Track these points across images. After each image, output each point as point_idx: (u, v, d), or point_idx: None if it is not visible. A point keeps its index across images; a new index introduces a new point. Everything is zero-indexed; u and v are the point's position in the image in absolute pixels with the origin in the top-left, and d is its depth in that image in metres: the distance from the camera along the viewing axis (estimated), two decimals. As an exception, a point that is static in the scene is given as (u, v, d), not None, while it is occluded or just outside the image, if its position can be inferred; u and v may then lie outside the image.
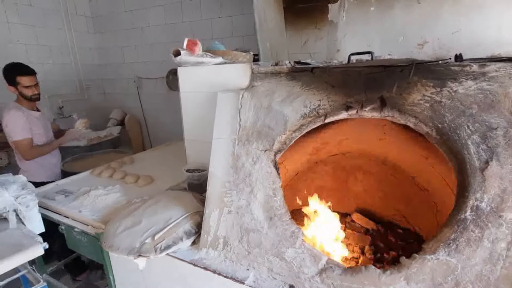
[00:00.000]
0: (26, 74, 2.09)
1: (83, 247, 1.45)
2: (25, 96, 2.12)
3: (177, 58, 1.52)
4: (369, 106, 1.14)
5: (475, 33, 1.84)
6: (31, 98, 2.14)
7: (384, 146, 1.57)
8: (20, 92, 2.10)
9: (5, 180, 1.33)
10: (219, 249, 1.14)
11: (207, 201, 1.23)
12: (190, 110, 1.75)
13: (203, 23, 3.00)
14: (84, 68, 3.66)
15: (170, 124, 3.31)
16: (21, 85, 2.08)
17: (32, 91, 2.12)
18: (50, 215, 1.52)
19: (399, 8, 2.01)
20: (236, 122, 1.32)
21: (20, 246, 1.18)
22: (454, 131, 1.00)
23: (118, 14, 3.51)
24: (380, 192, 1.79)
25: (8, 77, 2.08)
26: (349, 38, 2.24)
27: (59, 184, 1.87)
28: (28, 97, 2.12)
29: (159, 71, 3.36)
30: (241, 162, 1.23)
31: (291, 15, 2.42)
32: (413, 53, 2.03)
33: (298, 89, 1.29)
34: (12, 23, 2.95)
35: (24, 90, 2.10)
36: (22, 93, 2.10)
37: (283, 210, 1.12)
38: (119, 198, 1.61)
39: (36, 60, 3.18)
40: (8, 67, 2.10)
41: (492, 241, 0.84)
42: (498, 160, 0.91)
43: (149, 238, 1.15)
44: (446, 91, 1.05)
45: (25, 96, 2.12)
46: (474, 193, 0.90)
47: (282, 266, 1.02)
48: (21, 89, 2.09)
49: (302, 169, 1.90)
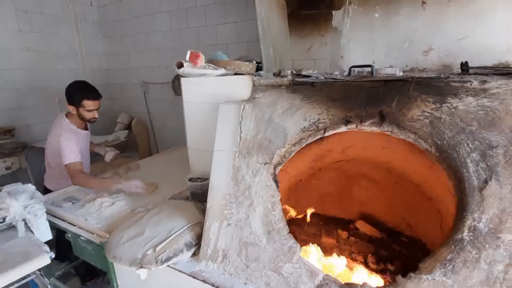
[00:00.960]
0: (94, 98, 1.99)
1: (89, 255, 1.49)
2: (83, 118, 2.03)
3: (180, 70, 1.55)
4: (368, 121, 1.14)
5: (482, 40, 1.81)
6: (89, 121, 2.08)
7: (388, 154, 1.57)
8: (79, 113, 2.00)
9: (15, 190, 1.38)
10: (218, 261, 1.16)
11: (208, 213, 1.25)
12: (193, 119, 1.78)
13: (208, 29, 3.03)
14: (92, 73, 3.74)
15: (176, 128, 3.36)
16: (84, 108, 1.97)
17: (92, 114, 2.02)
18: (58, 222, 1.57)
19: (404, 14, 1.99)
20: (237, 134, 1.33)
21: (28, 255, 1.22)
22: (453, 148, 0.99)
23: (125, 20, 3.57)
24: (385, 200, 1.79)
25: (73, 97, 1.96)
26: (353, 44, 2.23)
27: (67, 191, 1.92)
28: (86, 120, 2.06)
29: (165, 76, 3.41)
30: (241, 174, 1.25)
31: (295, 22, 2.42)
32: (418, 60, 2.00)
33: (298, 102, 1.30)
34: (23, 31, 3.04)
35: (85, 113, 1.99)
36: (81, 114, 2.00)
37: (281, 224, 1.13)
38: (124, 207, 1.65)
39: (46, 66, 3.27)
40: (75, 87, 1.98)
41: (489, 263, 0.83)
42: (498, 179, 0.90)
43: (151, 250, 1.18)
44: (446, 107, 1.04)
45: (83, 118, 2.03)
46: (472, 213, 0.89)
47: (279, 281, 1.04)
48: (83, 112, 1.99)
49: (305, 175, 1.90)
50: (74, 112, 2.01)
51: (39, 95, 3.21)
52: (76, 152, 1.93)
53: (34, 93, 3.19)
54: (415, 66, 2.01)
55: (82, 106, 1.96)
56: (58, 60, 3.39)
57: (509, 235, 0.84)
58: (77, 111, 1.99)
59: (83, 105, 1.96)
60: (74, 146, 1.93)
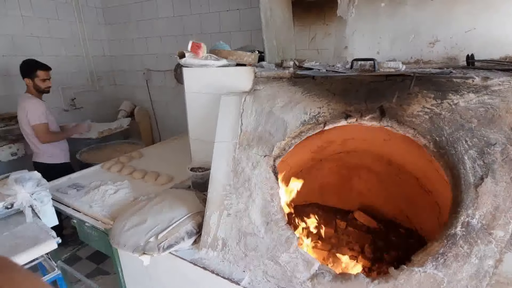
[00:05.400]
0: (45, 69, 2.39)
1: (94, 241, 1.55)
2: (38, 88, 2.39)
3: (182, 60, 1.55)
4: (368, 116, 1.14)
5: (489, 32, 1.77)
6: (44, 90, 2.43)
7: (389, 146, 1.57)
8: (35, 85, 2.37)
9: (22, 177, 1.42)
10: (218, 250, 1.20)
11: (208, 203, 1.29)
12: (195, 110, 1.79)
13: (211, 16, 2.98)
14: (95, 60, 3.73)
15: (178, 117, 3.36)
16: (39, 78, 2.36)
17: (46, 84, 2.42)
18: (63, 208, 1.62)
19: (411, 5, 1.94)
20: (238, 126, 1.35)
21: (36, 239, 1.28)
22: (451, 145, 1.00)
23: (128, 6, 3.52)
24: (384, 191, 1.81)
25: (28, 70, 2.34)
26: (358, 35, 2.19)
27: (72, 178, 1.97)
28: (41, 90, 2.41)
29: (168, 64, 3.38)
30: (241, 166, 1.27)
31: (299, 10, 2.38)
32: (423, 52, 1.97)
33: (299, 95, 1.30)
34: (26, 17, 3.02)
35: (40, 83, 2.38)
36: (37, 85, 2.38)
37: (279, 215, 1.16)
38: (127, 195, 1.69)
39: (49, 53, 3.26)
40: (28, 61, 2.37)
41: (480, 258, 0.85)
42: (494, 177, 0.91)
43: (153, 237, 1.22)
44: (447, 104, 1.04)
45: (39, 88, 2.39)
46: (466, 209, 0.91)
47: (276, 269, 1.08)
48: (38, 82, 2.37)
49: (306, 166, 1.92)
50: (30, 84, 2.37)
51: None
52: (44, 115, 2.35)
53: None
54: (420, 58, 1.98)
55: (37, 76, 2.36)
56: (61, 46, 3.38)
57: (501, 231, 0.86)
58: (33, 82, 2.36)
59: (38, 75, 2.36)
60: (41, 109, 2.35)
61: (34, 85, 2.37)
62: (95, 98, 3.79)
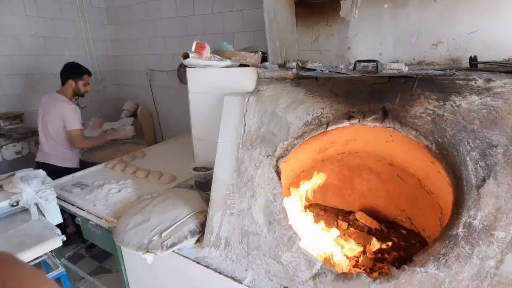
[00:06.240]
0: (90, 74, 2.49)
1: (97, 238, 1.56)
2: (78, 91, 2.44)
3: (186, 60, 1.56)
4: (371, 117, 1.15)
5: (493, 34, 1.77)
6: (82, 94, 2.49)
7: (391, 148, 1.58)
8: (76, 87, 2.41)
9: (27, 175, 1.44)
10: (221, 248, 1.21)
11: (211, 202, 1.30)
12: (198, 110, 1.80)
13: (214, 17, 2.99)
14: (98, 60, 3.75)
15: (181, 117, 3.38)
16: (83, 82, 2.42)
17: (86, 88, 2.49)
18: (67, 207, 1.64)
19: (414, 6, 1.95)
20: (241, 127, 1.36)
21: (41, 237, 1.29)
22: (453, 146, 1.00)
23: (132, 6, 3.54)
24: (386, 192, 1.81)
25: (76, 72, 2.39)
26: (361, 36, 2.20)
27: (75, 177, 1.99)
28: (80, 93, 2.46)
29: (171, 64, 3.40)
30: (244, 166, 1.28)
31: (302, 11, 2.38)
32: (426, 53, 1.97)
33: (302, 96, 1.31)
34: (30, 16, 3.05)
35: (82, 87, 2.44)
36: (78, 88, 2.42)
37: (282, 215, 1.17)
38: (131, 193, 1.70)
39: (53, 52, 3.28)
40: (76, 64, 2.44)
41: (481, 259, 0.86)
42: (496, 178, 0.92)
43: (157, 236, 1.24)
44: (449, 105, 1.05)
45: (78, 91, 2.44)
46: (468, 210, 0.91)
47: (278, 268, 1.08)
48: (80, 85, 2.41)
49: (308, 167, 1.93)
50: (72, 86, 2.37)
51: (47, 81, 3.24)
52: (78, 120, 2.33)
53: (42, 78, 3.22)
54: (423, 60, 1.99)
55: (82, 79, 2.39)
56: (65, 46, 3.41)
57: (503, 232, 0.86)
58: (76, 84, 2.37)
59: (84, 78, 2.39)
60: (76, 115, 2.33)
61: (76, 87, 2.39)
62: (98, 97, 3.81)
